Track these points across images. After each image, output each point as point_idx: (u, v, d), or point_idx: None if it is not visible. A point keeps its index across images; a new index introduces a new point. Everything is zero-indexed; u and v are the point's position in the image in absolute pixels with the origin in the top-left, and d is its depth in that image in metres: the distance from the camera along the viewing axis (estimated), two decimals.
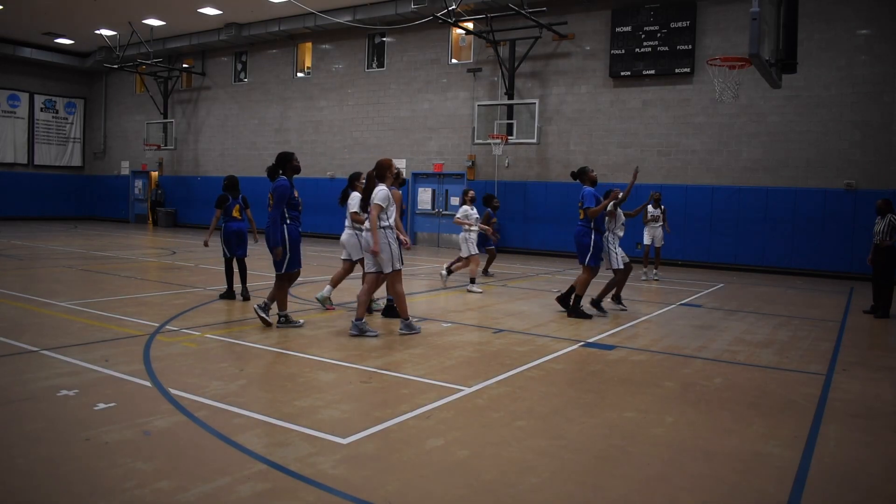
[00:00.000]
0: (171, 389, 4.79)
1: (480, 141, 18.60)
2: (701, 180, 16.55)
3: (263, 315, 7.19)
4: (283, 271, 7.20)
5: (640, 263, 13.49)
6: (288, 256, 7.14)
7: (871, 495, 3.52)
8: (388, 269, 6.96)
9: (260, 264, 12.10)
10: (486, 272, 12.98)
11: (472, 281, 10.86)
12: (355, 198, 8.11)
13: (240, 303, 8.87)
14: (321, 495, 3.22)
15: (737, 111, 15.91)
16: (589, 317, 8.50)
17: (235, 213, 9.20)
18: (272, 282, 7.79)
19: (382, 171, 7.00)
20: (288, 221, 7.13)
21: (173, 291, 9.67)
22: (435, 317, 8.30)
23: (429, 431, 4.15)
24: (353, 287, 9.59)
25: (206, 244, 9.50)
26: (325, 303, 8.57)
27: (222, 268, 9.49)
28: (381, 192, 6.85)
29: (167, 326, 7.07)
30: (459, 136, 20.20)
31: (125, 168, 29.97)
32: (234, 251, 9.13)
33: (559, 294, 9.21)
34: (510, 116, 18.28)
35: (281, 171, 7.18)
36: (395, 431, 4.13)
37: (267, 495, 3.19)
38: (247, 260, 9.36)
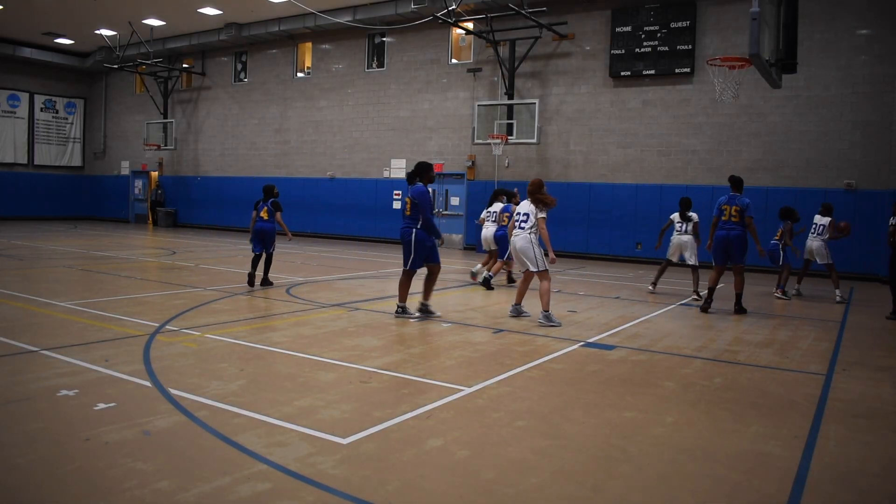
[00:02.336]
0: (171, 389, 4.79)
1: (480, 141, 18.60)
2: (701, 180, 16.54)
3: (430, 311, 8.13)
4: (408, 268, 8.10)
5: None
6: (413, 256, 8.01)
7: (871, 495, 3.52)
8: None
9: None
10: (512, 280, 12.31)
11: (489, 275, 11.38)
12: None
13: (245, 297, 8.87)
14: (321, 495, 3.22)
15: (737, 111, 15.91)
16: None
17: (263, 214, 10.43)
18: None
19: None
20: (418, 226, 8.02)
21: (173, 291, 9.67)
22: (435, 317, 8.29)
23: (429, 431, 4.15)
24: (356, 288, 9.56)
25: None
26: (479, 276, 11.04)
27: (222, 268, 9.63)
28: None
29: (167, 326, 7.07)
30: (459, 136, 20.20)
31: (125, 168, 29.97)
32: (256, 247, 10.43)
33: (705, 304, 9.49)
34: (510, 116, 18.28)
35: (418, 179, 8.12)
36: (395, 431, 4.13)
37: (267, 495, 3.19)
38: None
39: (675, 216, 11.33)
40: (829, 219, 11.46)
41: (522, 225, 8.24)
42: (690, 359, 6.49)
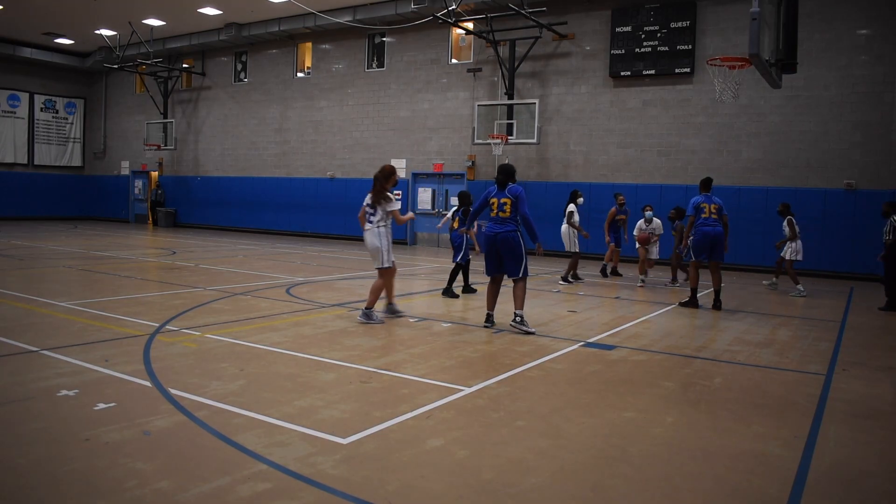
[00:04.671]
0: (171, 389, 4.79)
1: (480, 141, 18.60)
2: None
3: (525, 329, 7.43)
4: (522, 275, 7.49)
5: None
6: (525, 261, 7.54)
7: (871, 495, 3.52)
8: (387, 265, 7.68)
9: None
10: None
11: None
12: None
13: (245, 298, 8.87)
14: (321, 495, 3.22)
15: (737, 111, 15.91)
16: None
17: (454, 223, 10.64)
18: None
19: (388, 176, 7.73)
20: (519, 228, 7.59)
21: (173, 291, 9.67)
22: (435, 317, 8.30)
23: (429, 431, 4.15)
24: (356, 288, 9.53)
25: None
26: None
27: (222, 268, 9.56)
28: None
29: (167, 326, 7.07)
30: (459, 136, 20.20)
31: (125, 168, 29.97)
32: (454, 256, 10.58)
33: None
34: (510, 116, 18.28)
35: (510, 181, 7.66)
36: (395, 431, 4.13)
37: (267, 495, 3.19)
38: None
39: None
40: (789, 217, 11.98)
41: (371, 219, 7.74)
42: (690, 359, 6.49)
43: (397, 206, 7.81)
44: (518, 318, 7.42)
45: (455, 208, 11.10)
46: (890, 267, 10.08)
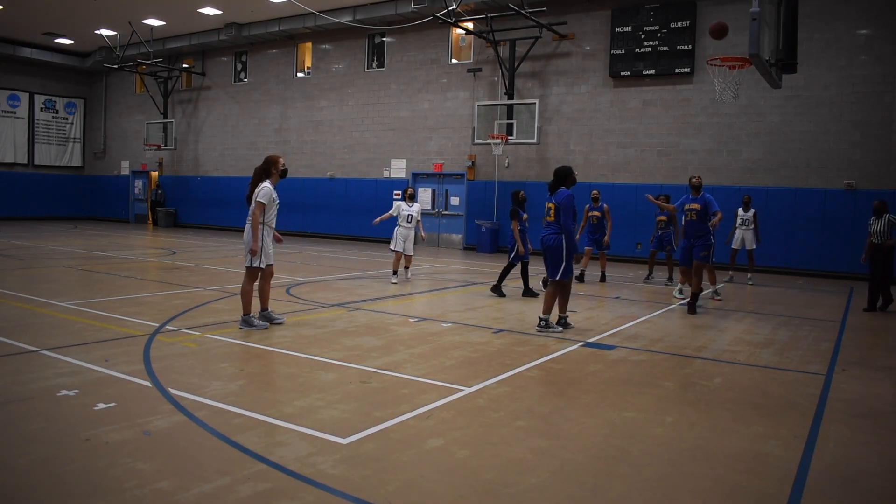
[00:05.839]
0: (171, 389, 4.79)
1: (480, 141, 18.60)
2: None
3: (562, 326, 7.57)
4: (560, 277, 7.48)
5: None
6: (564, 264, 7.44)
7: (871, 495, 3.52)
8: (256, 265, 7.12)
9: None
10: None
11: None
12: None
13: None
14: (321, 495, 3.22)
15: (737, 111, 15.91)
16: None
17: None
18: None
19: (268, 167, 7.20)
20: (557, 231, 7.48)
21: (173, 291, 9.67)
22: (435, 317, 8.30)
23: (429, 431, 4.15)
24: (356, 288, 9.53)
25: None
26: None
27: (222, 268, 9.56)
28: (264, 188, 7.07)
29: (167, 326, 7.07)
30: (459, 136, 20.20)
31: (125, 168, 29.97)
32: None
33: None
34: (510, 116, 18.28)
35: (561, 184, 7.62)
36: (395, 431, 4.13)
37: (267, 495, 3.19)
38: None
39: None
40: (754, 211, 13.32)
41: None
42: (690, 359, 6.49)
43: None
44: (543, 322, 7.53)
45: (400, 205, 11.56)
46: (876, 267, 10.04)
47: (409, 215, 11.42)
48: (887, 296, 10.12)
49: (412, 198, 11.79)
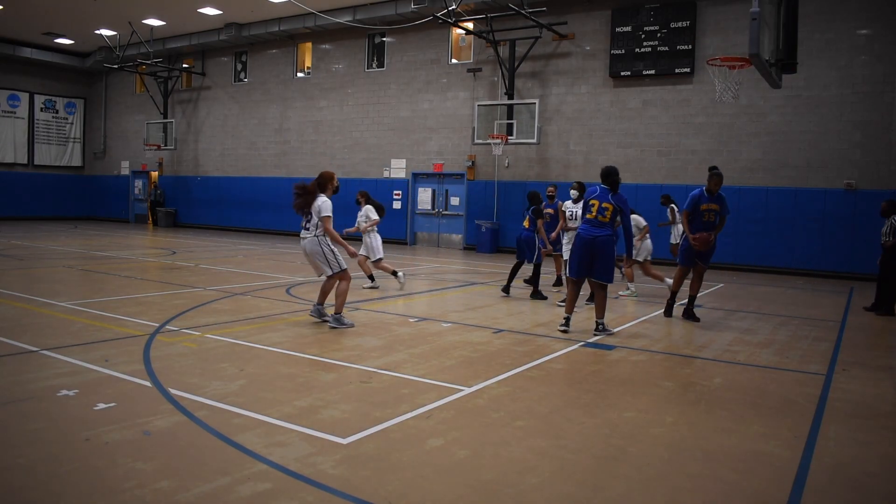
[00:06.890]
0: (171, 389, 4.79)
1: (480, 141, 18.60)
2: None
3: (606, 331, 7.53)
4: (608, 280, 7.57)
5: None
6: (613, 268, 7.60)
7: (871, 495, 3.52)
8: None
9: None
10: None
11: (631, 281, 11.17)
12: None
13: (245, 298, 8.87)
14: (321, 495, 3.22)
15: (737, 111, 15.91)
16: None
17: (525, 223, 10.40)
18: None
19: (325, 182, 7.45)
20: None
21: (173, 291, 9.67)
22: (435, 317, 8.30)
23: (429, 431, 4.15)
24: (356, 288, 9.52)
25: None
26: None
27: (222, 268, 9.55)
28: (328, 202, 7.34)
29: (167, 326, 7.07)
30: (459, 136, 20.20)
31: (125, 168, 29.97)
32: (518, 255, 10.60)
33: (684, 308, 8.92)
34: (510, 116, 18.28)
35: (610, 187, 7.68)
36: (395, 431, 4.13)
37: (267, 495, 3.19)
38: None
39: None
40: (672, 206, 12.73)
41: (308, 226, 7.36)
42: (690, 359, 6.49)
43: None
44: (601, 326, 7.52)
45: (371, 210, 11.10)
46: (885, 269, 9.89)
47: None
48: (889, 299, 9.84)
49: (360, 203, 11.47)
